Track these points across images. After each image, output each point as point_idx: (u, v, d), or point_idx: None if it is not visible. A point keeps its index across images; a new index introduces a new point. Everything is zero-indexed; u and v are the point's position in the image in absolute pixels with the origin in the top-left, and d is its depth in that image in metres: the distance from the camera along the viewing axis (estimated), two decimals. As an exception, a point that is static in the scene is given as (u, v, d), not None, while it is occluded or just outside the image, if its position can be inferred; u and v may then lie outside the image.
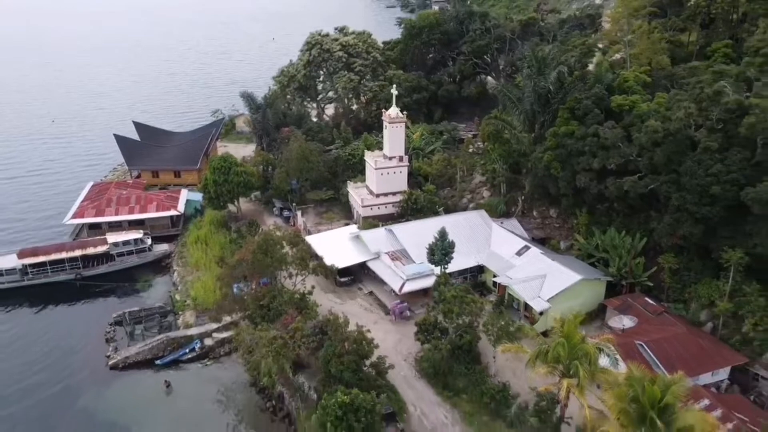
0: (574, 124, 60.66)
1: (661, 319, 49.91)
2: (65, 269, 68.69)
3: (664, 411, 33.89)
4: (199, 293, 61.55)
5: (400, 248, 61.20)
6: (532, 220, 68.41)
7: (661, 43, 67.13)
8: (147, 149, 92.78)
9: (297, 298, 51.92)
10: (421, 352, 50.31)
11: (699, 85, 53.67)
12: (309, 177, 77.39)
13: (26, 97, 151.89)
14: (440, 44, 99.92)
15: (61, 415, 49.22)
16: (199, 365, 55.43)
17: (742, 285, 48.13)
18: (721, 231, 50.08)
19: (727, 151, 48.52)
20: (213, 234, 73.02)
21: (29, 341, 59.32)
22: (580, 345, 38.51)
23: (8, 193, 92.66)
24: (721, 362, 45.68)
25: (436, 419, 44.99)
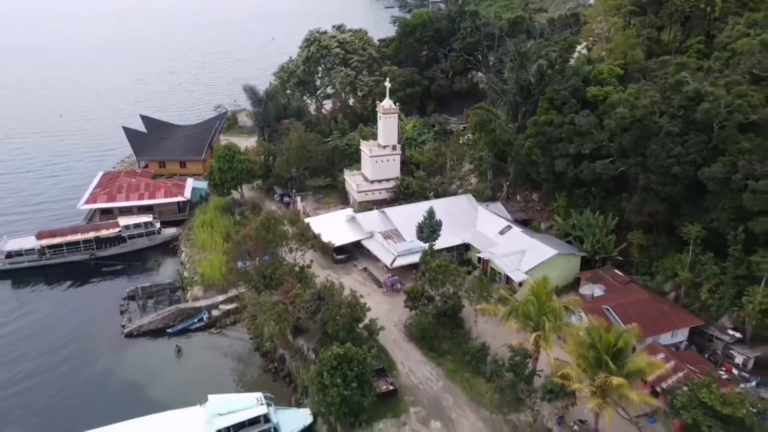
0: (553, 113, 65.71)
1: (628, 288, 54.89)
2: (80, 250, 73.61)
3: (618, 356, 38.94)
4: (206, 270, 66.53)
5: (392, 228, 66.15)
6: (516, 204, 73.43)
7: (635, 39, 71.92)
8: (154, 141, 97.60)
9: (297, 270, 56.72)
10: (410, 319, 55.13)
11: (664, 76, 58.72)
12: (308, 165, 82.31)
13: (34, 94, 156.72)
14: (433, 41, 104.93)
15: (83, 375, 54.09)
16: (207, 333, 60.42)
17: (701, 257, 53.10)
18: (683, 208, 55.06)
19: (687, 135, 53.41)
20: (218, 218, 77.97)
21: (49, 314, 64.22)
22: (548, 303, 43.56)
23: (23, 184, 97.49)
24: (680, 324, 50.61)
25: (422, 375, 49.88)
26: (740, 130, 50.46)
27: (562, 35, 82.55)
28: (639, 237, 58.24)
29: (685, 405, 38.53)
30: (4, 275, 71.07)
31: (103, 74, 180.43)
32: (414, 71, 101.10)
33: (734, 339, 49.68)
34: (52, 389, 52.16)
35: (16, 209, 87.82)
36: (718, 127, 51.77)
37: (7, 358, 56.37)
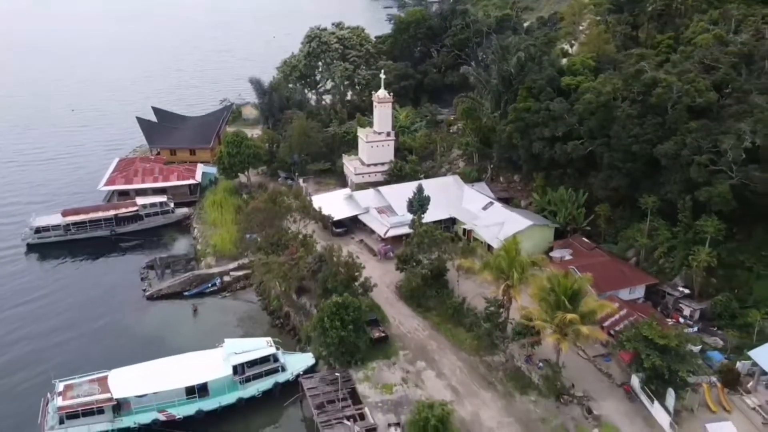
0: (531, 101, 72.77)
1: (593, 252, 62.05)
2: (101, 226, 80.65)
3: (574, 298, 46.08)
4: (218, 242, 73.79)
5: (386, 204, 73.27)
6: (499, 184, 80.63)
7: (606, 34, 79.05)
8: (165, 130, 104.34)
9: (300, 238, 63.75)
10: (401, 281, 62.18)
11: (629, 66, 65.91)
12: (309, 151, 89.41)
13: (46, 90, 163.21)
14: (426, 38, 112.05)
15: (112, 329, 61.09)
16: (219, 297, 67.49)
17: (656, 225, 60.21)
18: (642, 183, 62.25)
19: (644, 118, 60.57)
20: (227, 199, 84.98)
21: (76, 281, 71.34)
22: (517, 258, 50.69)
23: (45, 170, 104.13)
24: (636, 282, 57.76)
25: (411, 326, 56.96)
26: (688, 112, 57.62)
27: (543, 31, 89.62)
28: (605, 210, 65.42)
29: (630, 339, 45.65)
30: (33, 249, 78.14)
31: (111, 72, 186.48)
32: (408, 66, 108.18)
33: (683, 294, 56.85)
34: (86, 339, 59.20)
35: (41, 192, 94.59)
36: (671, 110, 58.96)
37: (46, 316, 63.37)
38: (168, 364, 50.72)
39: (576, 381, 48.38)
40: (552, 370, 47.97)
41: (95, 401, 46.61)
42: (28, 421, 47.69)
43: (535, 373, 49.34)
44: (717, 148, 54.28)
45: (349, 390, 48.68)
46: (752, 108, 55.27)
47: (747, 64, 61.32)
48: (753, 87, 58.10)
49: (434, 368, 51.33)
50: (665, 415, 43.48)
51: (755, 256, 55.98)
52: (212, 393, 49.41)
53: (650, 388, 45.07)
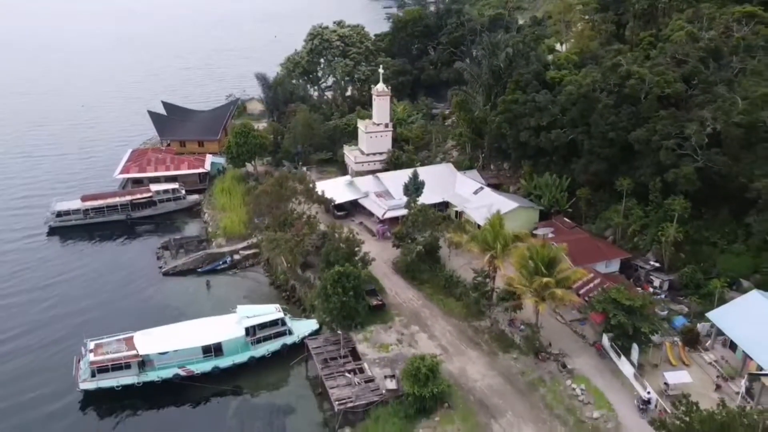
0: (519, 93, 78.39)
1: (573, 231, 67.60)
2: (118, 211, 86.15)
3: (550, 265, 51.66)
4: (228, 224, 79.25)
5: (384, 189, 78.83)
6: (490, 172, 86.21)
7: (590, 32, 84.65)
8: (175, 123, 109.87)
9: (305, 217, 69.32)
10: (397, 258, 67.77)
11: (607, 61, 71.50)
12: (312, 142, 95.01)
13: (56, 87, 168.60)
14: (423, 36, 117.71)
15: (132, 301, 66.63)
16: (230, 273, 72.95)
17: (630, 205, 65.79)
18: (619, 167, 67.82)
19: (620, 107, 66.14)
20: (235, 186, 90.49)
21: (96, 260, 76.84)
22: (501, 231, 56.28)
23: (62, 161, 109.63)
24: (611, 256, 63.25)
25: (406, 297, 62.53)
26: (659, 102, 63.22)
27: (532, 29, 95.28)
28: (586, 193, 71.00)
29: (600, 301, 51.23)
30: (54, 231, 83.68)
31: (117, 70, 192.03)
32: (405, 62, 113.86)
33: (654, 268, 62.42)
34: (109, 309, 64.67)
35: (59, 180, 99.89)
36: (643, 100, 64.56)
37: (71, 290, 68.98)
38: (187, 327, 56.42)
39: (553, 341, 53.97)
40: (531, 331, 53.54)
41: (123, 357, 52.25)
42: (62, 375, 53.38)
43: (517, 335, 54.91)
44: (683, 134, 59.85)
45: (349, 349, 54.25)
46: (716, 98, 60.84)
47: (715, 59, 66.85)
48: (718, 79, 63.69)
49: (426, 331, 56.89)
50: (630, 368, 49.08)
51: (719, 232, 61.42)
52: (226, 352, 55.00)
53: (618, 344, 50.61)
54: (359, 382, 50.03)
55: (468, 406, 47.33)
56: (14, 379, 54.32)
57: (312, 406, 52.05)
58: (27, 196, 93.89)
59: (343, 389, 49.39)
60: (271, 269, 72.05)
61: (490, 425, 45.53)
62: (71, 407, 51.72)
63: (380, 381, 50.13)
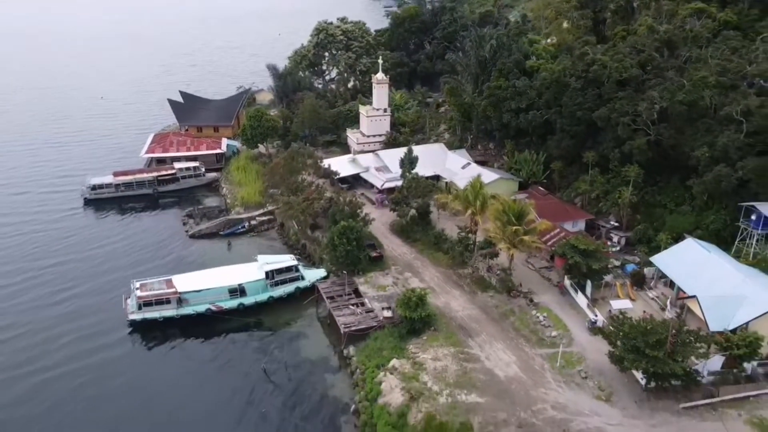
0: (502, 80, 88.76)
1: (546, 197, 78.00)
2: (145, 186, 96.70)
3: (519, 216, 62.09)
4: (245, 195, 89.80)
5: (383, 165, 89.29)
6: (477, 151, 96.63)
7: (566, 26, 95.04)
8: (192, 110, 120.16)
9: (314, 186, 79.75)
10: (394, 221, 78.15)
11: (577, 50, 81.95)
12: (318, 126, 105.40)
13: (72, 82, 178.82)
14: (419, 31, 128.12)
15: (165, 259, 76.92)
16: (248, 236, 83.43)
17: (595, 175, 76.17)
18: (586, 142, 78.24)
19: (586, 90, 76.53)
20: (249, 165, 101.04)
21: (129, 227, 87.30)
22: (480, 191, 66.74)
23: (88, 149, 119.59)
24: (577, 217, 73.68)
25: (401, 252, 72.94)
26: (618, 85, 73.65)
27: (515, 24, 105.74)
28: (558, 166, 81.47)
29: (562, 246, 61.67)
30: (89, 203, 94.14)
31: (131, 65, 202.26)
32: (403, 55, 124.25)
33: (613, 227, 72.84)
34: (146, 262, 75.24)
35: (90, 162, 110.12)
36: (605, 83, 74.99)
37: (112, 249, 79.43)
38: (217, 272, 67.08)
39: (524, 283, 64.33)
40: (505, 274, 63.98)
41: (164, 294, 62.79)
42: (113, 313, 64.01)
43: (494, 278, 65.35)
44: (637, 111, 70.24)
45: (353, 290, 64.78)
46: (666, 81, 71.24)
47: (669, 48, 77.24)
48: (670, 65, 74.11)
49: (417, 276, 67.31)
50: (584, 299, 59.52)
51: (670, 197, 71.66)
52: (249, 293, 65.46)
53: (576, 283, 61.03)
54: (361, 312, 60.59)
55: (450, 329, 57.71)
56: (74, 319, 64.35)
57: (321, 333, 62.68)
58: (63, 176, 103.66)
59: (347, 317, 59.97)
60: (283, 232, 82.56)
61: (467, 342, 55.90)
62: (121, 336, 62.19)
63: (378, 311, 60.62)
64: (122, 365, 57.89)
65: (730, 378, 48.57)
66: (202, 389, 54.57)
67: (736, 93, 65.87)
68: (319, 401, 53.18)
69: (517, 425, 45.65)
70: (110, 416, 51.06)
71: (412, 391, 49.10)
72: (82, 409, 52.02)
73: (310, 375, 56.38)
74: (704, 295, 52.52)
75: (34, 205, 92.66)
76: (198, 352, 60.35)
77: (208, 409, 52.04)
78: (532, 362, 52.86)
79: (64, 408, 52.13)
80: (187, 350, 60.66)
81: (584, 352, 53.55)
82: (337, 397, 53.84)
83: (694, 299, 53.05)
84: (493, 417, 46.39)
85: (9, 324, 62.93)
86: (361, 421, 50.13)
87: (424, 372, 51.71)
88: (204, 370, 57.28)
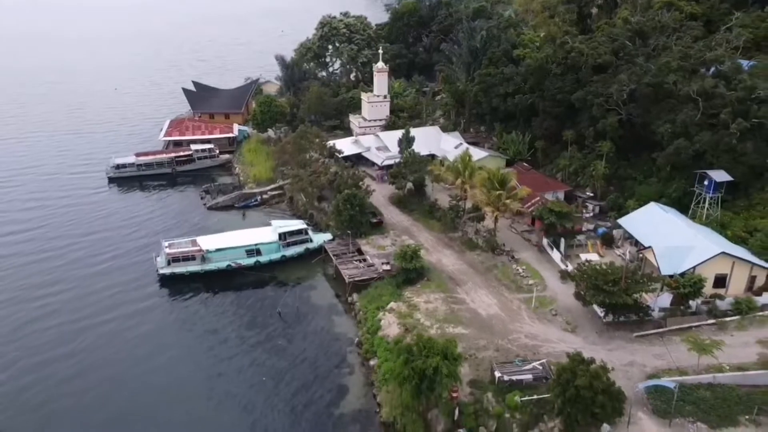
0: (491, 68, 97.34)
1: (530, 172, 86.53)
2: (164, 166, 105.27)
3: (502, 183, 70.66)
4: (257, 173, 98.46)
5: (383, 145, 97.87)
6: (469, 134, 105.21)
7: (550, 19, 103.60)
8: (204, 98, 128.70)
9: (320, 162, 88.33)
10: (393, 194, 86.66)
11: (558, 40, 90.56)
12: (323, 112, 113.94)
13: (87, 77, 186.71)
14: (417, 25, 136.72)
15: (187, 225, 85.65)
16: (261, 209, 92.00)
17: (574, 152, 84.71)
18: (565, 122, 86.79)
19: (566, 75, 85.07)
20: (259, 147, 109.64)
21: (151, 202, 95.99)
22: (469, 162, 75.33)
23: (108, 136, 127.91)
24: (556, 188, 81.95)
25: (398, 219, 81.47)
26: (593, 70, 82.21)
27: (504, 17, 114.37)
28: (541, 145, 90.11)
29: (540, 209, 70.24)
30: (113, 181, 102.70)
31: (140, 60, 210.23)
32: (402, 47, 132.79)
33: (589, 197, 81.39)
34: (170, 231, 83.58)
35: (111, 146, 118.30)
36: (582, 69, 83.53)
37: (139, 221, 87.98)
38: (236, 234, 75.89)
39: (507, 244, 72.84)
40: (490, 234, 72.55)
41: (190, 251, 71.48)
42: (144, 270, 72.76)
43: (480, 240, 73.88)
44: (610, 93, 78.74)
45: (356, 249, 73.39)
46: (635, 66, 79.73)
47: (641, 37, 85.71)
48: (640, 53, 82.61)
49: (413, 239, 75.77)
50: (558, 254, 68.08)
51: (639, 170, 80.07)
52: (265, 252, 74.07)
53: (552, 241, 69.59)
54: (363, 266, 69.26)
55: (441, 280, 66.29)
56: (111, 276, 72.72)
57: (328, 286, 71.45)
58: (87, 161, 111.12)
59: (351, 270, 68.69)
60: (292, 204, 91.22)
61: (455, 289, 64.48)
62: (152, 289, 70.82)
63: (378, 266, 69.21)
64: (153, 312, 66.56)
65: (678, 313, 57.10)
66: (224, 329, 63.25)
67: (696, 76, 74.35)
68: (328, 336, 61.96)
69: (494, 349, 54.24)
70: (144, 353, 59.27)
71: (407, 324, 57.72)
72: (119, 348, 60.25)
73: (319, 317, 65.17)
74: (658, 245, 61.09)
75: (65, 185, 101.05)
76: (220, 300, 68.95)
77: (229, 344, 60.75)
78: (510, 304, 61.45)
79: (105, 347, 60.47)
80: (210, 299, 69.23)
81: (556, 296, 62.16)
82: (343, 333, 62.61)
83: (650, 249, 61.61)
84: (476, 343, 54.98)
85: (57, 280, 71.54)
86: (363, 349, 58.89)
87: (418, 312, 60.30)
88: (225, 315, 65.95)
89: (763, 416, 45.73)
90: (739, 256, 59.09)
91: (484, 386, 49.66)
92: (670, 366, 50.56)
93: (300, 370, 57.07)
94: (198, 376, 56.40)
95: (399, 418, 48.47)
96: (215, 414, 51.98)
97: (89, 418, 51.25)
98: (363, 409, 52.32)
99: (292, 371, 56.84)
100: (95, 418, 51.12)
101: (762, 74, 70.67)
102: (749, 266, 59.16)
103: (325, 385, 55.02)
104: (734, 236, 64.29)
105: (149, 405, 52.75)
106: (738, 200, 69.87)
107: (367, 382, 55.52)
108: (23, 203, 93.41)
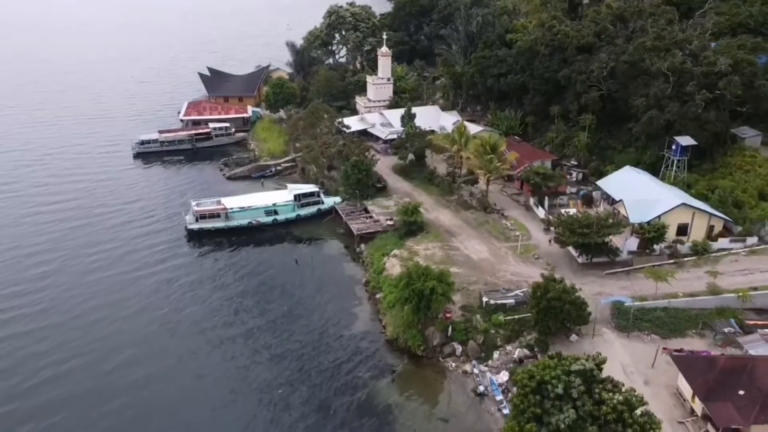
0: (486, 51, 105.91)
1: (520, 144, 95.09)
2: (185, 142, 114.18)
3: (494, 148, 79.41)
4: (271, 147, 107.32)
5: (386, 121, 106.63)
6: (466, 113, 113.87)
7: (543, 7, 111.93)
8: (219, 82, 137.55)
9: (330, 134, 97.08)
10: (396, 164, 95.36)
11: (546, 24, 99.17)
12: (331, 93, 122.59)
13: (104, 66, 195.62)
14: (418, 14, 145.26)
15: (209, 193, 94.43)
16: (275, 179, 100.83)
17: (560, 125, 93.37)
18: (553, 99, 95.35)
19: (553, 55, 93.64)
20: (272, 126, 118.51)
21: (175, 173, 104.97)
22: (464, 132, 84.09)
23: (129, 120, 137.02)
24: (543, 157, 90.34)
25: (401, 186, 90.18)
26: (577, 50, 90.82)
27: (499, 4, 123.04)
28: (531, 120, 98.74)
29: (527, 172, 78.97)
30: (138, 156, 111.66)
31: (154, 50, 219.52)
32: (404, 35, 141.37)
33: (574, 165, 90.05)
34: (195, 194, 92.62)
35: (134, 127, 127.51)
36: (568, 49, 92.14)
37: (166, 189, 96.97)
38: (256, 195, 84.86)
39: (498, 204, 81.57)
40: (482, 195, 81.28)
41: (215, 209, 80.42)
42: (174, 230, 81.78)
43: (474, 201, 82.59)
44: (591, 70, 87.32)
45: (363, 209, 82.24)
46: (615, 47, 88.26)
47: (622, 21, 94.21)
48: (620, 34, 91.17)
49: (415, 200, 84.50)
50: (543, 211, 76.80)
51: (619, 140, 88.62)
52: (281, 212, 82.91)
53: (537, 200, 78.30)
54: (369, 222, 78.10)
55: (438, 232, 75.01)
56: (146, 235, 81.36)
57: (338, 240, 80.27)
58: (113, 142, 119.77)
59: (359, 224, 77.58)
60: (304, 174, 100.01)
61: (451, 240, 73.21)
62: (181, 241, 79.76)
63: (383, 221, 78.04)
64: (185, 263, 75.37)
65: (643, 255, 65.79)
66: (248, 275, 72.01)
67: (668, 54, 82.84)
68: (339, 278, 70.95)
69: (483, 283, 63.04)
70: (176, 297, 67.43)
71: (408, 265, 66.40)
72: (153, 292, 68.46)
73: (331, 264, 74.20)
74: (628, 199, 69.77)
75: (96, 161, 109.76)
76: (242, 252, 77.81)
77: (251, 286, 69.56)
78: (498, 251, 70.23)
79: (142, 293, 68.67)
80: (234, 252, 78.01)
81: (539, 244, 70.94)
82: (352, 275, 71.57)
83: (621, 203, 70.30)
84: (467, 279, 63.80)
85: (102, 240, 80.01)
86: (370, 286, 67.83)
87: (418, 256, 69.01)
88: (247, 264, 74.73)
89: (707, 330, 54.56)
90: (699, 207, 67.70)
91: (474, 310, 58.56)
92: (633, 294, 59.28)
93: (315, 302, 65.96)
94: (228, 309, 65.25)
95: (401, 334, 57.44)
96: (246, 332, 61.13)
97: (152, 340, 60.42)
98: (371, 330, 61.18)
99: (308, 303, 65.68)
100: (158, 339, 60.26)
101: (724, 51, 79.13)
102: (707, 216, 67.71)
103: (338, 314, 63.88)
104: (698, 194, 72.79)
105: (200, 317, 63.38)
106: (704, 164, 78.50)
107: (374, 311, 64.41)
108: (66, 177, 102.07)
